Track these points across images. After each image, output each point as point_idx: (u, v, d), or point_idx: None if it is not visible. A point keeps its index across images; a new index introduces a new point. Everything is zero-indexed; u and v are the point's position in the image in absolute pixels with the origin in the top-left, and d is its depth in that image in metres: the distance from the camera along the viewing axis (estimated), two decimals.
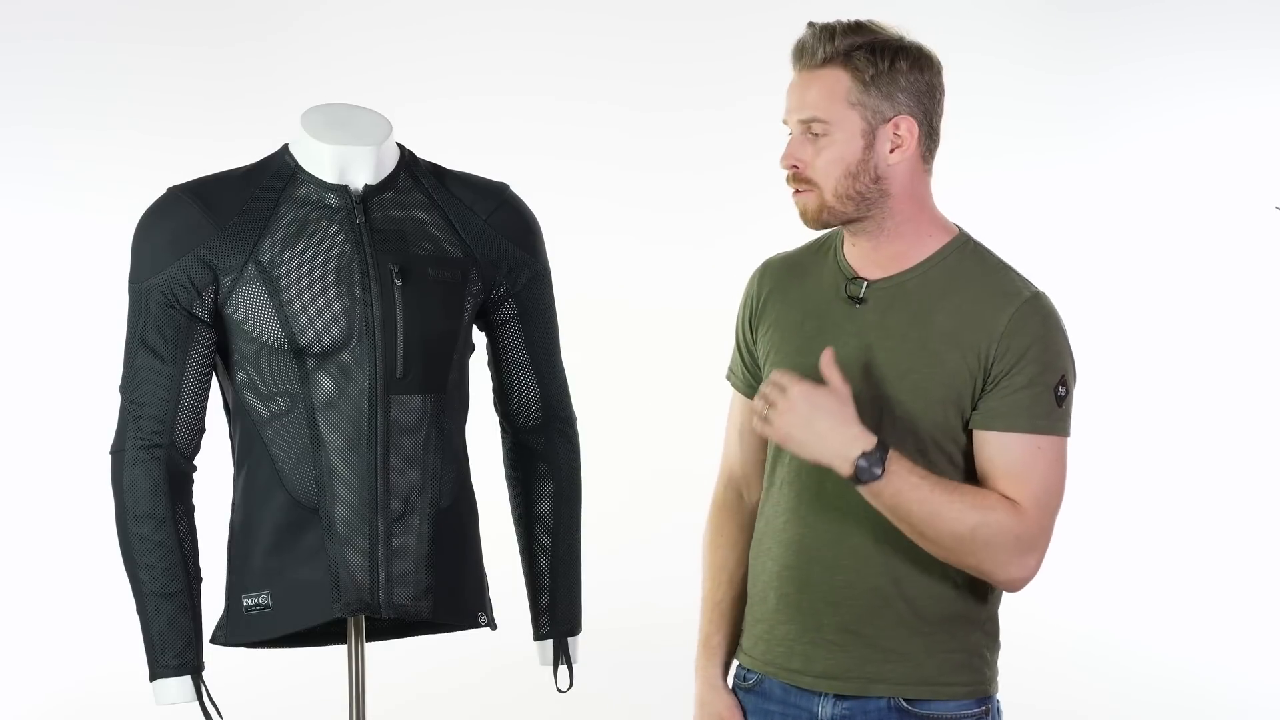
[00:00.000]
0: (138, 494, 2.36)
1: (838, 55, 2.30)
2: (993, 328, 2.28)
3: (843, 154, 2.30)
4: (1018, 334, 2.27)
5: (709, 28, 5.02)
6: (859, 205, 2.31)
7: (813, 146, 2.31)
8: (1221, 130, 5.04)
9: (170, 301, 2.35)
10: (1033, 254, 4.96)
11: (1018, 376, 2.26)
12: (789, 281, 2.45)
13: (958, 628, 2.35)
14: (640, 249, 4.86)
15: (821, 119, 2.29)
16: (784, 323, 2.42)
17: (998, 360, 2.27)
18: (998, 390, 2.27)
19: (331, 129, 2.42)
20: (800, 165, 2.31)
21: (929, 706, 2.34)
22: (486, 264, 2.47)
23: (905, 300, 2.33)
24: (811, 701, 2.38)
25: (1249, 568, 5.00)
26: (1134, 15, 5.09)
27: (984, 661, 2.38)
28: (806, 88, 2.31)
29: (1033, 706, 4.76)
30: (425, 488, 2.40)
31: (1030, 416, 2.27)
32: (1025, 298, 2.30)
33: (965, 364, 2.28)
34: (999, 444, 2.27)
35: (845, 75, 2.29)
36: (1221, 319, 5.03)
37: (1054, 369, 2.28)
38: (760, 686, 2.44)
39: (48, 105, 4.77)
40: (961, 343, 2.28)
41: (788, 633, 2.39)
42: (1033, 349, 2.27)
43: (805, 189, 2.32)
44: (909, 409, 2.30)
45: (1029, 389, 2.26)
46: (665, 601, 4.35)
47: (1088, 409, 5.06)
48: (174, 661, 2.37)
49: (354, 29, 4.94)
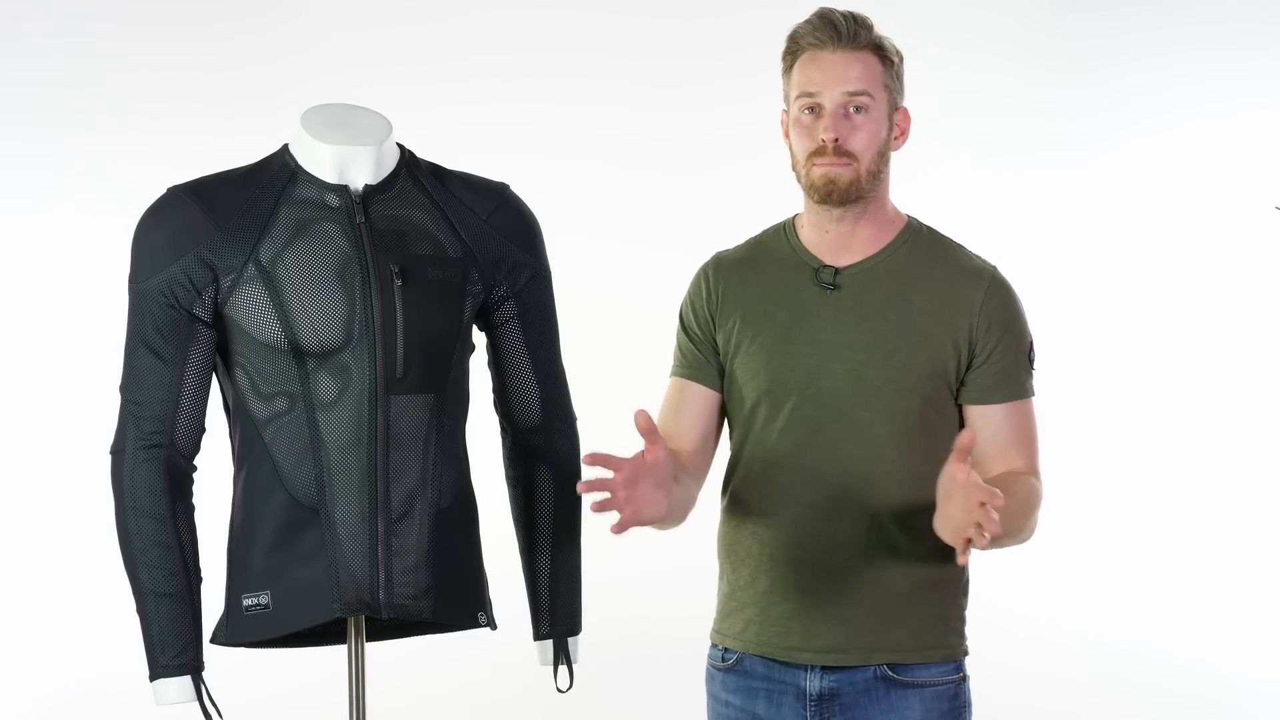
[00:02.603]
0: (138, 494, 2.36)
1: (871, 42, 2.44)
2: (970, 304, 2.44)
3: (878, 132, 2.44)
4: (995, 309, 2.45)
5: (709, 28, 5.02)
6: (873, 183, 2.45)
7: (850, 122, 2.42)
8: (1221, 131, 5.04)
9: (170, 301, 2.35)
10: (1033, 254, 4.98)
11: (999, 350, 2.45)
12: (746, 275, 2.54)
13: (941, 592, 2.47)
14: (640, 249, 4.86)
15: (870, 94, 2.42)
16: (754, 315, 2.50)
17: (981, 335, 2.44)
18: (987, 364, 2.45)
19: (331, 129, 2.42)
20: (843, 138, 2.41)
21: (913, 672, 2.44)
22: (486, 264, 2.47)
23: (878, 283, 2.46)
24: (797, 675, 2.46)
25: (1250, 567, 4.99)
26: (1134, 15, 5.09)
27: (962, 623, 2.51)
28: (849, 65, 2.42)
29: (1033, 706, 4.78)
30: (425, 488, 2.40)
31: (1019, 384, 2.47)
32: (989, 274, 2.48)
33: (950, 339, 2.44)
34: (995, 416, 2.45)
35: (877, 61, 2.44)
36: (1222, 319, 5.03)
37: (1024, 337, 2.49)
38: (740, 665, 2.51)
39: (48, 105, 4.77)
40: (943, 319, 2.44)
41: (784, 611, 2.46)
42: (1009, 323, 2.46)
43: (845, 161, 2.42)
44: (900, 385, 2.42)
45: (1015, 359, 2.46)
46: (665, 601, 4.36)
47: (1089, 409, 5.07)
48: (174, 661, 2.37)
49: (354, 29, 4.94)
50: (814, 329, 2.45)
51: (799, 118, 2.44)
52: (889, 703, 2.43)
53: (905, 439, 2.41)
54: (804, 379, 2.45)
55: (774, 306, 2.49)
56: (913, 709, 2.43)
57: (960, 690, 2.48)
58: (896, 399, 2.41)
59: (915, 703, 2.43)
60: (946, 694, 2.46)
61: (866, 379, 2.42)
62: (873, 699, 2.43)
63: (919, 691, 2.44)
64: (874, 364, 2.42)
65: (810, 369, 2.44)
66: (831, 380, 2.43)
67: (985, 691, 4.74)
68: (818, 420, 2.44)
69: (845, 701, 2.44)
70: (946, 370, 2.43)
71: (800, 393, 2.45)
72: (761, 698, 2.48)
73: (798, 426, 2.45)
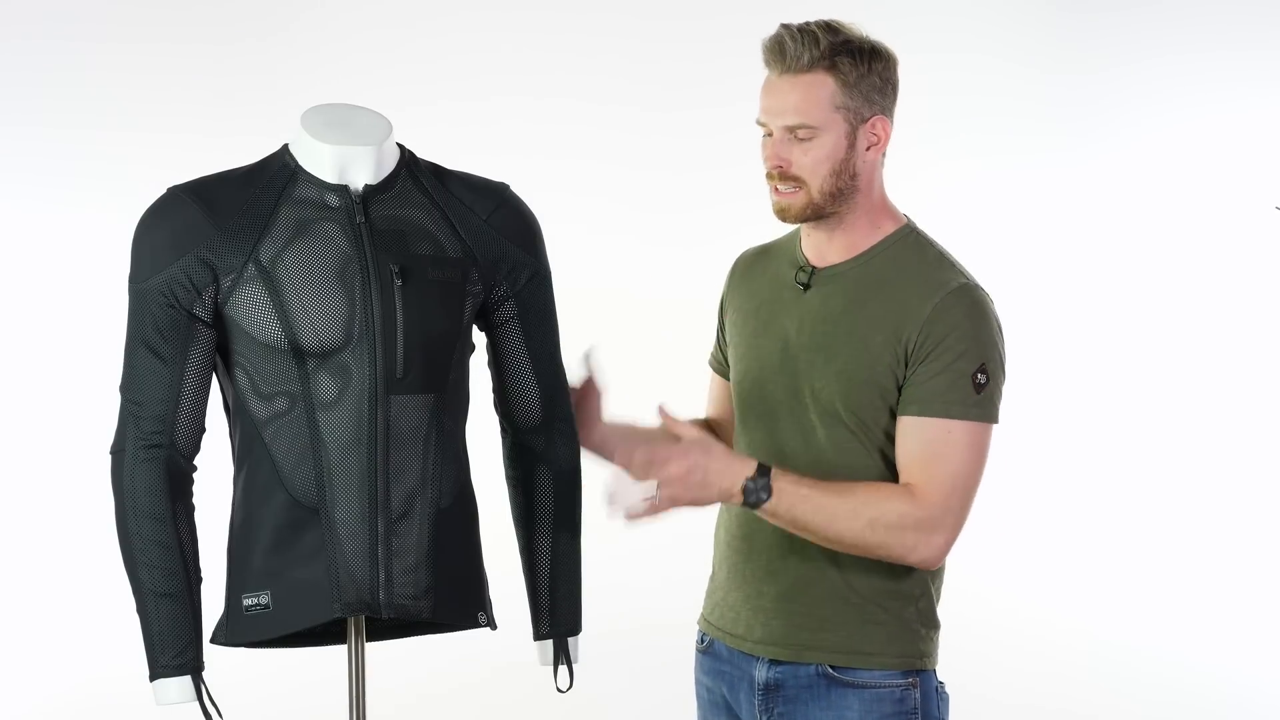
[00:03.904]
0: (138, 494, 2.36)
1: (821, 59, 2.34)
2: (918, 315, 2.35)
3: (830, 154, 2.36)
4: (939, 322, 2.34)
5: (708, 29, 5.02)
6: (837, 201, 2.40)
7: (798, 147, 2.36)
8: (1221, 131, 5.04)
9: (170, 301, 2.35)
10: (1033, 254, 4.99)
11: (934, 363, 2.34)
12: (754, 270, 2.58)
13: (890, 601, 2.44)
14: (641, 248, 4.86)
15: (809, 124, 2.35)
16: (744, 310, 2.57)
17: (918, 347, 2.35)
18: (915, 376, 2.35)
19: (331, 129, 2.42)
20: (785, 164, 2.37)
21: (855, 674, 2.44)
22: (486, 264, 2.47)
23: (844, 288, 2.44)
24: (751, 665, 2.51)
25: (1251, 567, 5.00)
26: (1133, 15, 5.09)
27: (917, 636, 2.46)
28: (789, 93, 2.35)
29: (1032, 706, 4.78)
30: (425, 488, 2.40)
31: (944, 401, 2.34)
32: (952, 288, 2.37)
33: (889, 349, 2.37)
34: (913, 427, 2.35)
35: (830, 80, 2.35)
36: (1222, 318, 5.03)
37: (972, 356, 2.34)
38: (712, 648, 2.59)
39: (48, 105, 4.77)
40: (885, 329, 2.37)
41: (734, 599, 2.53)
42: (951, 336, 2.34)
43: (792, 188, 2.38)
44: (835, 392, 2.40)
45: (944, 374, 2.34)
46: (666, 602, 4.35)
47: (1090, 408, 5.06)
48: (174, 661, 2.37)
49: (354, 29, 4.94)
50: (780, 327, 2.48)
51: (761, 140, 2.43)
52: (829, 700, 2.45)
53: (846, 444, 2.41)
54: (765, 374, 2.49)
55: (759, 302, 2.54)
56: (851, 708, 2.43)
57: (907, 696, 2.44)
58: (834, 403, 2.41)
59: (854, 702, 2.43)
60: (889, 696, 2.43)
61: (810, 380, 2.43)
62: (814, 694, 2.46)
63: (859, 692, 2.43)
64: (817, 366, 2.43)
65: (770, 365, 2.48)
66: (785, 378, 2.47)
67: (986, 691, 4.75)
68: (771, 416, 2.48)
69: (788, 694, 2.47)
70: (883, 380, 2.38)
71: (761, 387, 2.49)
72: (725, 681, 2.56)
73: (755, 422, 2.51)
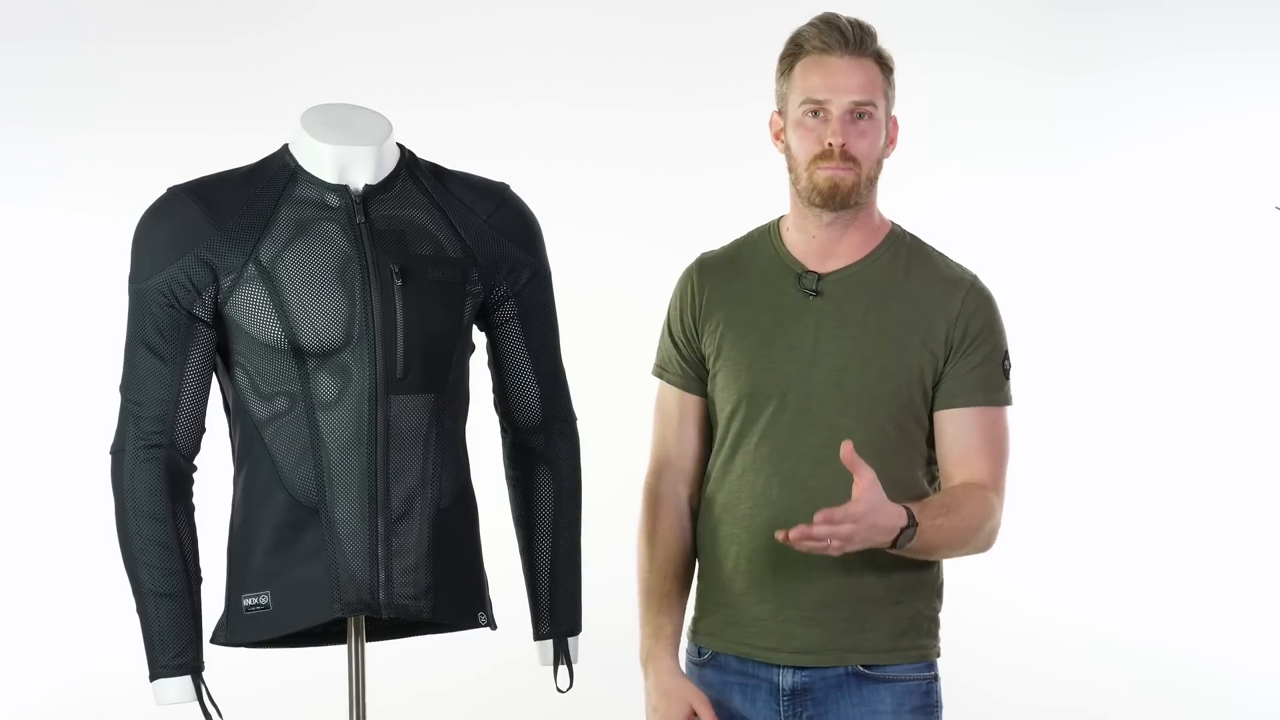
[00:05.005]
0: (138, 494, 2.36)
1: (873, 50, 2.47)
2: (948, 311, 2.47)
3: (879, 139, 2.48)
4: (973, 316, 2.48)
5: (708, 30, 5.02)
6: (869, 190, 2.49)
7: (854, 128, 2.45)
8: (1221, 131, 5.03)
9: (170, 301, 2.35)
10: (1034, 254, 4.98)
11: (973, 355, 2.47)
12: (731, 278, 2.58)
13: (916, 594, 2.50)
14: (641, 249, 4.85)
15: (874, 102, 2.46)
16: (737, 320, 2.54)
17: (958, 342, 2.46)
18: (959, 369, 2.47)
19: (331, 129, 2.42)
20: (849, 144, 2.44)
21: (885, 670, 2.48)
22: (486, 264, 2.47)
23: (860, 290, 2.49)
24: (771, 672, 2.50)
25: (1251, 566, 4.99)
26: (1133, 16, 5.08)
27: (935, 625, 2.54)
28: (855, 72, 2.45)
29: (1033, 705, 4.78)
30: (425, 488, 2.40)
31: (986, 391, 2.47)
32: (970, 282, 2.52)
33: (927, 347, 2.46)
34: (963, 419, 2.47)
35: (878, 69, 2.47)
36: (1222, 319, 5.03)
37: (1000, 346, 2.51)
38: (715, 661, 2.56)
39: (48, 105, 4.77)
40: (920, 327, 2.47)
41: (761, 613, 2.50)
42: (984, 329, 2.48)
43: (849, 166, 2.44)
44: (877, 392, 2.46)
45: (983, 366, 2.48)
46: None
47: (1090, 408, 5.06)
48: (174, 661, 2.37)
49: (354, 29, 4.93)
50: (795, 335, 2.49)
51: (801, 120, 2.46)
52: (860, 696, 2.47)
53: (882, 445, 2.44)
54: (784, 384, 2.48)
55: (756, 311, 2.53)
56: (884, 702, 2.48)
57: (932, 688, 2.51)
58: (873, 406, 2.46)
59: (886, 696, 2.48)
60: (918, 689, 2.50)
61: (845, 385, 2.46)
62: (845, 693, 2.48)
63: (890, 686, 2.48)
64: (852, 370, 2.46)
65: (790, 375, 2.48)
66: (811, 386, 2.47)
67: (987, 690, 4.75)
68: (796, 425, 2.48)
69: (817, 695, 2.48)
70: (924, 377, 2.47)
71: (780, 398, 2.49)
72: (736, 691, 2.53)
73: (777, 431, 2.49)
